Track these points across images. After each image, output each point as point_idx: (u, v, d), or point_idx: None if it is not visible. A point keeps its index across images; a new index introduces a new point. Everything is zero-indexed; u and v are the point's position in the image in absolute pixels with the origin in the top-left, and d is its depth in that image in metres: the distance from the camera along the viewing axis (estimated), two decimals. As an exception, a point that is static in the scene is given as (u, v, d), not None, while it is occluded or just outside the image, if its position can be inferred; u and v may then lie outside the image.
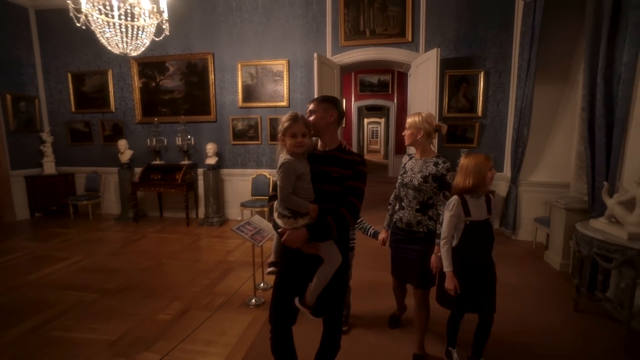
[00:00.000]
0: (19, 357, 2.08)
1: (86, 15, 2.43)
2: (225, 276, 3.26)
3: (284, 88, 4.94)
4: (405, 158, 2.09)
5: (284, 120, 1.48)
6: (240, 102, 5.09)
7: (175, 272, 3.39)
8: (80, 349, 2.13)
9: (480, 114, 4.59)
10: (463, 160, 1.83)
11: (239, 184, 5.25)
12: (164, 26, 2.89)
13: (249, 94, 5.06)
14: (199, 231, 4.81)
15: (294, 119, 1.45)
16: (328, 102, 1.55)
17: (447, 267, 1.79)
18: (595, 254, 2.18)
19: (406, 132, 1.97)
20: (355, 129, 10.69)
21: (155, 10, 2.65)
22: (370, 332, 2.32)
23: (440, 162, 1.91)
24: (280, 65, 4.92)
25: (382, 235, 2.16)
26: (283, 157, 1.46)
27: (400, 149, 9.85)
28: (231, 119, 5.15)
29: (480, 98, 4.54)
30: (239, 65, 5.01)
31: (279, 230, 1.49)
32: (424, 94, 4.39)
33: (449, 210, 1.79)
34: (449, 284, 1.78)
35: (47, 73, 5.67)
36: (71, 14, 2.41)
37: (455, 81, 4.59)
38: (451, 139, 4.70)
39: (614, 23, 2.43)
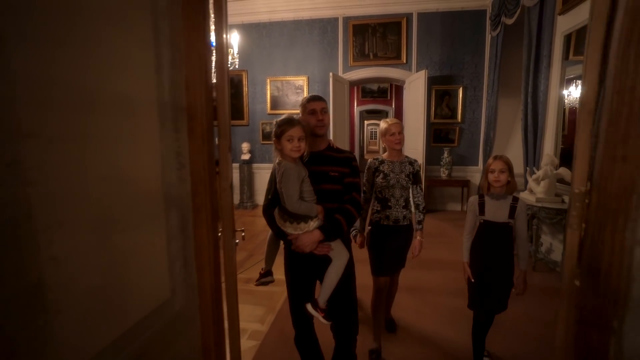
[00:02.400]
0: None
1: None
2: (270, 238, 4.49)
3: (304, 99, 6.17)
4: (373, 163, 2.13)
5: (278, 123, 1.43)
6: (268, 110, 6.32)
7: (231, 236, 4.62)
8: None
9: (459, 120, 5.83)
10: None
11: (267, 176, 6.42)
12: (236, 61, 4.12)
13: (276, 103, 6.29)
14: (236, 212, 6.03)
15: (290, 122, 1.41)
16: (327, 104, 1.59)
17: (464, 258, 1.94)
18: (518, 212, 3.42)
19: (400, 137, 2.05)
20: (357, 131, 11.93)
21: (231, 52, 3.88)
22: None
23: (413, 160, 2.13)
24: (301, 80, 6.15)
25: (360, 239, 2.19)
26: (282, 163, 1.42)
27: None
28: (261, 123, 6.38)
29: (460, 107, 5.78)
30: (268, 80, 6.24)
31: (288, 237, 1.47)
32: (415, 104, 5.62)
33: (469, 207, 1.93)
34: (464, 273, 1.92)
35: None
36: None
37: (440, 94, 5.83)
38: (437, 140, 5.94)
39: (537, 64, 3.68)
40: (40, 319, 0.58)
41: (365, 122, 17.96)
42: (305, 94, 6.15)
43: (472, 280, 1.88)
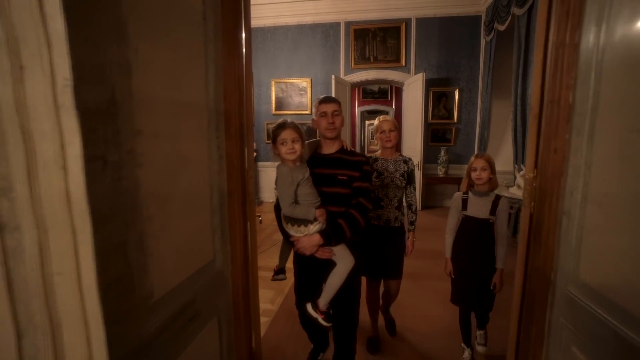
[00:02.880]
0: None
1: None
2: (276, 231, 4.77)
3: (307, 100, 6.45)
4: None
5: (273, 128, 1.46)
6: (273, 110, 6.60)
7: (239, 230, 4.91)
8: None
9: (456, 121, 6.09)
10: None
11: (271, 173, 6.71)
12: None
13: (280, 104, 6.56)
14: (242, 209, 6.32)
15: (282, 125, 1.43)
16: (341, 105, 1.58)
17: (446, 254, 1.98)
18: (507, 206, 3.70)
19: (392, 135, 2.02)
20: (358, 131, 12.20)
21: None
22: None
23: (407, 159, 2.07)
24: (304, 82, 6.42)
25: None
26: (279, 167, 1.44)
27: (398, 147, 11.30)
28: (266, 123, 6.66)
29: (456, 109, 6.05)
30: (273, 82, 6.51)
31: (290, 238, 1.49)
32: (414, 105, 5.89)
33: (452, 204, 1.98)
34: (446, 268, 1.96)
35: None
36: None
37: (437, 96, 6.10)
38: (434, 139, 6.21)
39: (525, 68, 3.95)
40: (142, 258, 0.86)
41: (366, 122, 18.18)
42: (309, 96, 6.43)
43: (453, 277, 1.95)
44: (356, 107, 11.70)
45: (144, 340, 0.86)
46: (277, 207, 1.57)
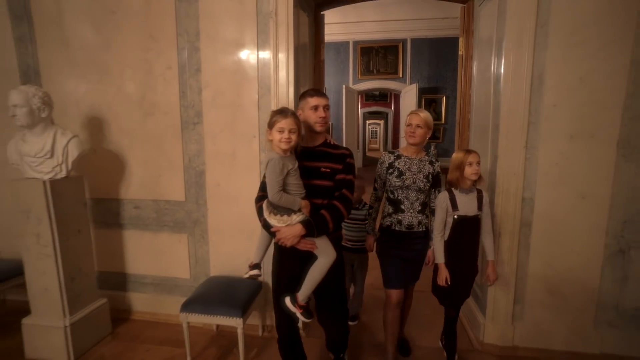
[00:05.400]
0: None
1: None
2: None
3: (321, 104, 7.78)
4: (388, 157, 1.88)
5: (272, 112, 1.42)
6: (292, 113, 7.93)
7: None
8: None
9: (443, 122, 7.44)
10: (453, 155, 1.82)
11: (291, 165, 8.06)
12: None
13: (299, 108, 7.89)
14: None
15: (283, 113, 1.39)
16: None
17: (439, 259, 1.80)
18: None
19: (418, 130, 1.80)
20: (361, 131, 13.49)
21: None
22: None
23: (433, 160, 1.89)
24: (319, 90, 7.75)
25: (370, 240, 2.01)
26: (269, 153, 1.40)
27: (396, 147, 12.45)
28: (286, 123, 7.98)
29: (444, 112, 7.40)
30: (293, 89, 7.84)
31: (271, 229, 1.44)
32: (409, 109, 7.19)
33: (439, 205, 1.80)
34: (441, 275, 1.79)
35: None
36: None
37: (428, 101, 7.44)
38: (426, 137, 7.55)
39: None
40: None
41: (367, 122, 19.37)
42: (323, 101, 7.76)
43: (449, 283, 1.79)
44: (359, 109, 12.95)
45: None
46: (259, 199, 1.55)
